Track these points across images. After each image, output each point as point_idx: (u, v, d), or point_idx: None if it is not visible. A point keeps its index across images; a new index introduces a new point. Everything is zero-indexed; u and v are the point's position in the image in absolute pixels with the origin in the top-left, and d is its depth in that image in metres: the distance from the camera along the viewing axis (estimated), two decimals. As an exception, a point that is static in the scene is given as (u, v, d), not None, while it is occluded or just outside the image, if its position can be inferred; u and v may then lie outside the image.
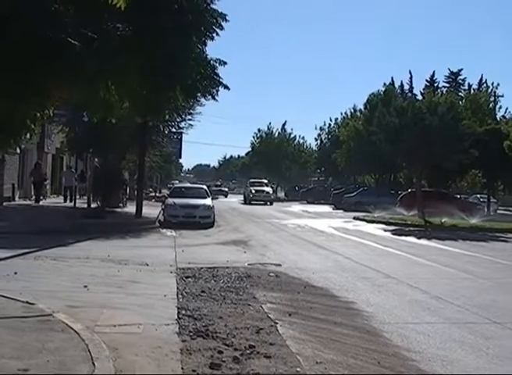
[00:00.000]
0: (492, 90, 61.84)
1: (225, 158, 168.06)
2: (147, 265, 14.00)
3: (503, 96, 61.16)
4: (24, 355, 6.42)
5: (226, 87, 10.38)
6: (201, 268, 13.88)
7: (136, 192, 33.54)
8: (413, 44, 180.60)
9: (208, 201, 28.85)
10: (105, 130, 27.75)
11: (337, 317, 9.66)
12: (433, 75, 79.99)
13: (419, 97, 57.09)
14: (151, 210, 31.97)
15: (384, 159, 43.46)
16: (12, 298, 9.23)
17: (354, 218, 36.19)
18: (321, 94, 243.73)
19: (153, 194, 59.28)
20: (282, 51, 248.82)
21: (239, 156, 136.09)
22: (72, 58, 7.45)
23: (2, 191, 31.45)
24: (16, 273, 11.75)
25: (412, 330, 8.97)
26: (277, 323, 8.90)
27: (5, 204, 30.82)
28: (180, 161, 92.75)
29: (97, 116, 10.68)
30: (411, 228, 30.31)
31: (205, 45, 9.92)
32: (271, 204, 56.41)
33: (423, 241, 23.99)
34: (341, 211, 46.55)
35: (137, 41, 8.68)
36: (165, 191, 55.18)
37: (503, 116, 57.92)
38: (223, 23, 9.87)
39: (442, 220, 31.59)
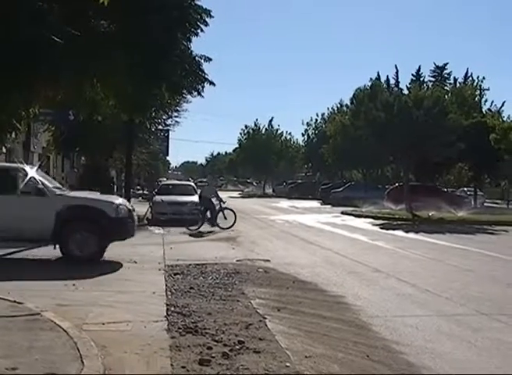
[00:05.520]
0: (477, 83, 62.04)
1: (212, 155, 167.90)
2: (136, 262, 13.98)
3: (488, 89, 61.23)
4: (12, 354, 6.39)
5: (212, 83, 10.43)
6: (190, 265, 13.86)
7: (123, 190, 33.42)
8: (398, 38, 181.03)
9: (195, 198, 28.80)
10: (91, 128, 27.64)
11: (326, 311, 9.67)
12: (419, 69, 79.77)
13: (405, 91, 57.17)
14: (139, 208, 31.82)
15: (371, 154, 43.61)
16: (-1, 298, 9.19)
17: (342, 213, 36.25)
18: (308, 90, 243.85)
19: (141, 191, 59.12)
20: (267, 47, 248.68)
21: (226, 153, 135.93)
22: (56, 56, 7.41)
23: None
24: (4, 273, 11.68)
25: (401, 323, 9.00)
26: (266, 319, 8.90)
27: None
28: (168, 158, 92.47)
29: (83, 114, 10.67)
30: (399, 222, 30.42)
31: (190, 41, 9.94)
32: None
33: (411, 235, 24.09)
34: (329, 206, 46.62)
35: (122, 38, 8.67)
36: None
37: (489, 109, 58.00)
38: (208, 19, 9.89)
39: (430, 214, 31.74)
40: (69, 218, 13.95)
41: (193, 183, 37.34)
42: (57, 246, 14.11)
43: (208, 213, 25.29)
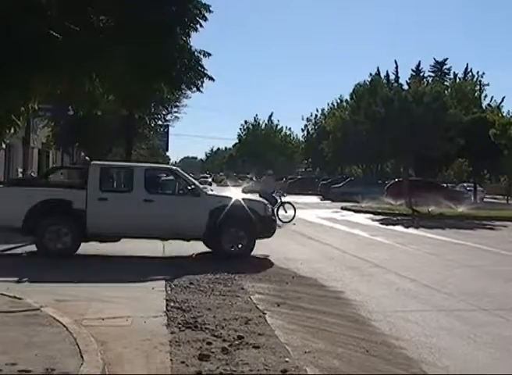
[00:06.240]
0: (477, 79, 62.19)
1: (212, 150, 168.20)
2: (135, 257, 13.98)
3: (488, 85, 61.47)
4: (12, 350, 6.38)
5: (211, 78, 10.32)
6: (190, 260, 13.86)
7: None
8: (398, 33, 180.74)
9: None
10: (91, 124, 27.60)
11: (326, 307, 9.68)
12: (419, 64, 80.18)
13: (405, 87, 57.20)
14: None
15: (371, 149, 43.59)
16: (-1, 293, 9.17)
17: (342, 208, 36.23)
18: (308, 85, 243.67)
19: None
20: (267, 43, 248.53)
21: (226, 148, 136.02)
22: (55, 51, 7.39)
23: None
24: (2, 269, 11.67)
25: (400, 319, 9.01)
26: (266, 314, 8.90)
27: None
28: (167, 154, 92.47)
29: (83, 110, 10.61)
30: (399, 217, 30.42)
31: (189, 37, 9.85)
32: None
33: (411, 230, 24.10)
34: (329, 201, 46.60)
35: (121, 33, 8.63)
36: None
37: (489, 105, 58.15)
38: (207, 14, 9.81)
39: (430, 209, 31.72)
40: (222, 216, 14.33)
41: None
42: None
43: None
